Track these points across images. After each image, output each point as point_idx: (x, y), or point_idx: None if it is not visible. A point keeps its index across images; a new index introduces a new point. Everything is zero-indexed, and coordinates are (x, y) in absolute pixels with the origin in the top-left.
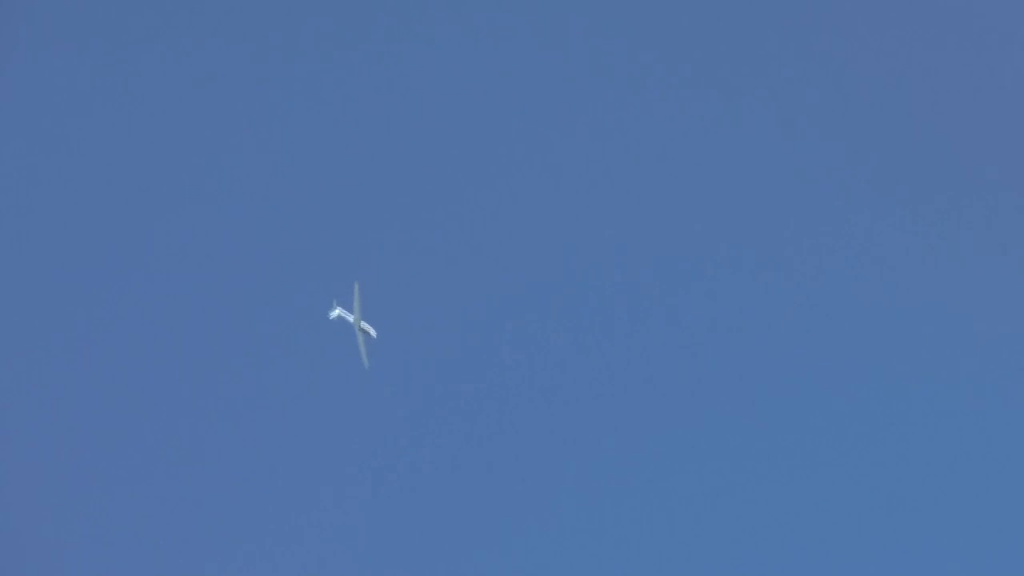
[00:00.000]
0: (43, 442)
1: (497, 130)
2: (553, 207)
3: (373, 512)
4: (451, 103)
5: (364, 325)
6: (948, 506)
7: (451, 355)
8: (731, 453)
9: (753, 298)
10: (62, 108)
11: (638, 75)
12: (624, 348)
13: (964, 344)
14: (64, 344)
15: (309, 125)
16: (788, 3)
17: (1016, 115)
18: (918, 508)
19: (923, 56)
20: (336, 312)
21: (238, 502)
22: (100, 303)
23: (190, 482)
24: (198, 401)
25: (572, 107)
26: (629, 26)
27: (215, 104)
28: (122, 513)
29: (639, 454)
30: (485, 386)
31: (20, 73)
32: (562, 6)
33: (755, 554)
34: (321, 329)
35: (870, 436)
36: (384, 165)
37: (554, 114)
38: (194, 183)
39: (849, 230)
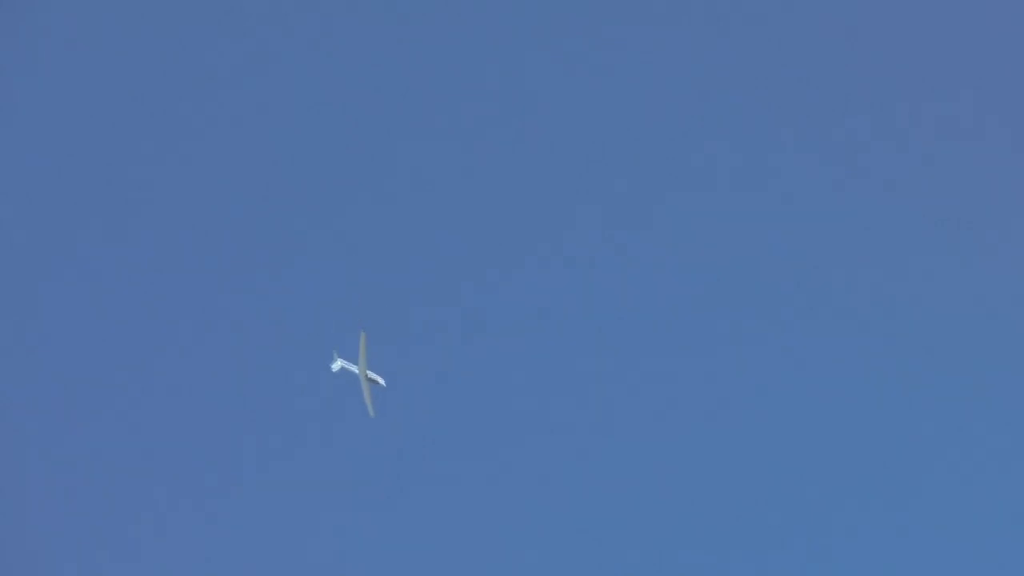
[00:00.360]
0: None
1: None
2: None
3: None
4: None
5: (371, 375)
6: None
7: (460, 401)
8: (730, 450)
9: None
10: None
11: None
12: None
13: (965, 343)
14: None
15: (300, 159)
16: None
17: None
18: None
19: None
20: (338, 364)
21: (239, 555)
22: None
23: (191, 537)
24: (195, 455)
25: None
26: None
27: (199, 130)
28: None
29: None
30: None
31: (20, 73)
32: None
33: (753, 549)
34: (322, 382)
35: (868, 434)
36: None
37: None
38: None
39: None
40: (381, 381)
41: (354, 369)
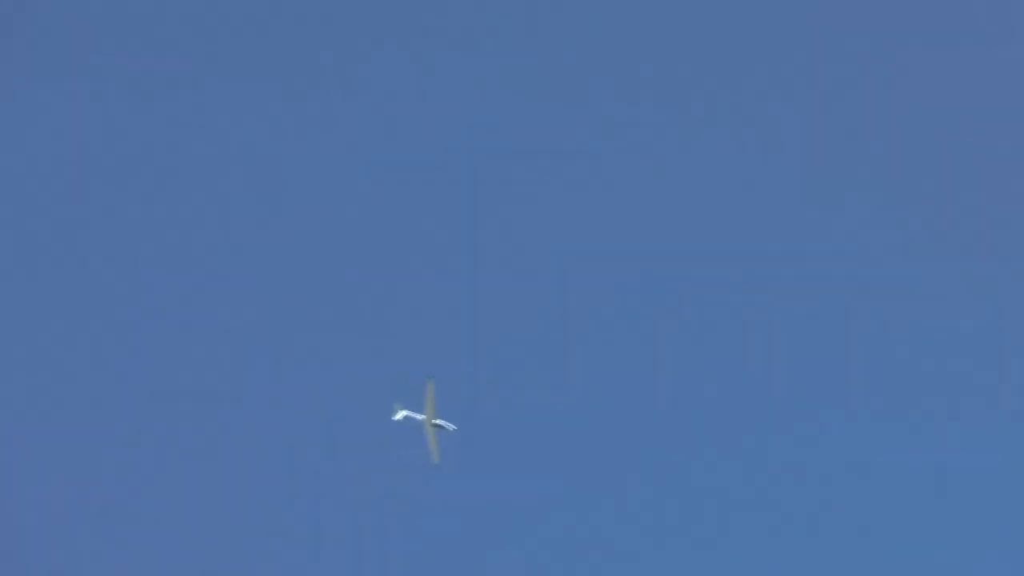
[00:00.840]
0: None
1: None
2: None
3: None
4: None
5: (438, 421)
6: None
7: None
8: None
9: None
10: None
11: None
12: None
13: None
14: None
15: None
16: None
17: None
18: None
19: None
20: (401, 414)
21: None
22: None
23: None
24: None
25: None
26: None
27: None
28: None
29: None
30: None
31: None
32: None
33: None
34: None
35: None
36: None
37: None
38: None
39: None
40: (450, 427)
41: (419, 417)
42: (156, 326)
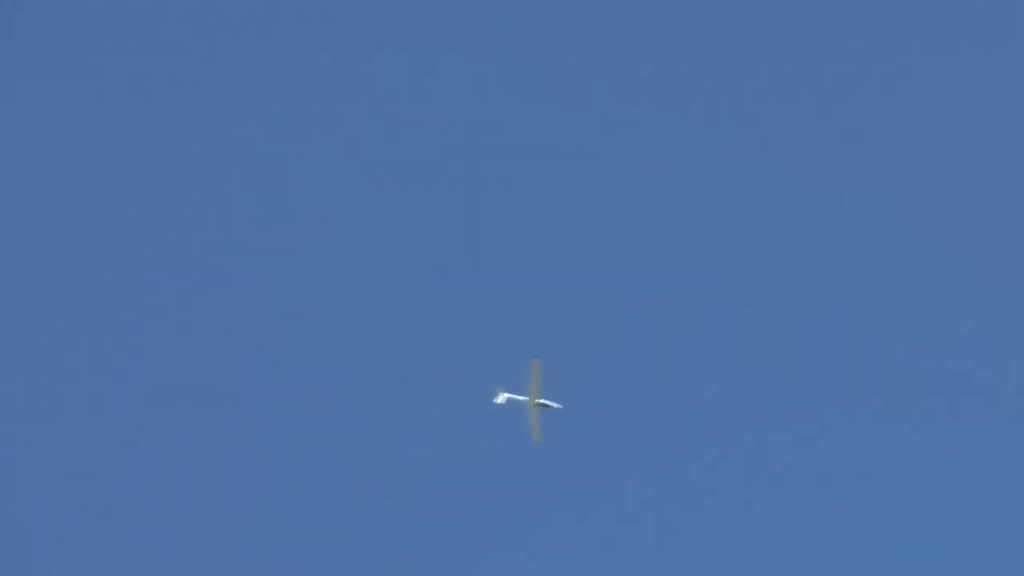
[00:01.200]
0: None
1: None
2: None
3: None
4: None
5: (542, 401)
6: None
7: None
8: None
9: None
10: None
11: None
12: None
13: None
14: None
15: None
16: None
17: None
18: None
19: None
20: (503, 397)
21: None
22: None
23: None
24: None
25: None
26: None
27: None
28: None
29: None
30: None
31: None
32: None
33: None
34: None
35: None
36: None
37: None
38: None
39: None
40: (555, 405)
41: (521, 399)
42: (156, 326)
